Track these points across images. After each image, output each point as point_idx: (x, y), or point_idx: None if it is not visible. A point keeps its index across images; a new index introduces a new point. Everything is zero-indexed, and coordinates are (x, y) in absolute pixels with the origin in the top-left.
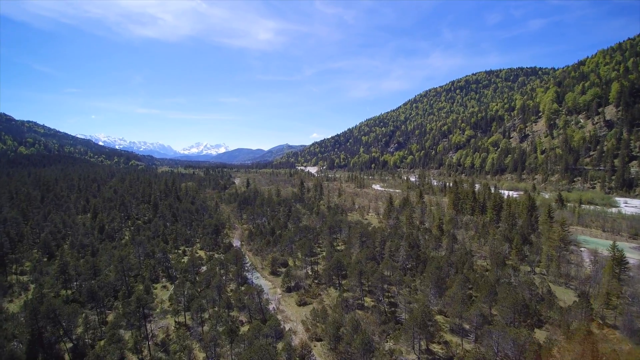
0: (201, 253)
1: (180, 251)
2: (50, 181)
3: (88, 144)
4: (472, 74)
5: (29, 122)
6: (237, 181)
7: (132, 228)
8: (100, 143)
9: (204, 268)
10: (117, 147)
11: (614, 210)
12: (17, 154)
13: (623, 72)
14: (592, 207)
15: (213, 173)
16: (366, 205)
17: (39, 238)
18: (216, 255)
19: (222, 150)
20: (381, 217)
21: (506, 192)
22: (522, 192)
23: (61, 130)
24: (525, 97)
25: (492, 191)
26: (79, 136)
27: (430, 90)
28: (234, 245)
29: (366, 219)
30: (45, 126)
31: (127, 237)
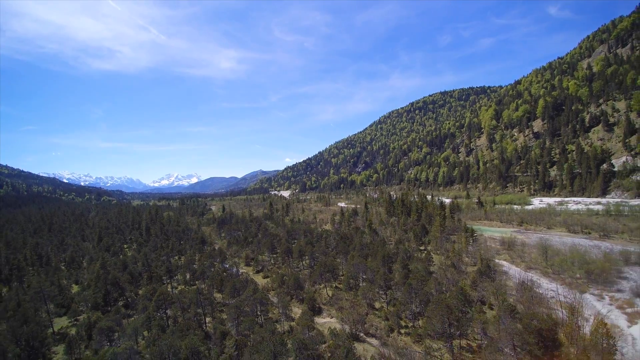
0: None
1: (177, 257)
2: (46, 217)
3: (54, 182)
4: (429, 95)
5: None
6: (213, 208)
7: (134, 246)
8: (65, 180)
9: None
10: (82, 183)
11: (518, 207)
12: None
13: (549, 89)
14: (511, 206)
15: (189, 203)
16: (326, 218)
17: (62, 256)
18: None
19: (194, 180)
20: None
21: (450, 200)
22: (462, 199)
23: (23, 169)
24: (472, 115)
25: (429, 200)
26: (42, 175)
27: (392, 112)
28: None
29: (323, 228)
30: (8, 166)
31: (130, 254)
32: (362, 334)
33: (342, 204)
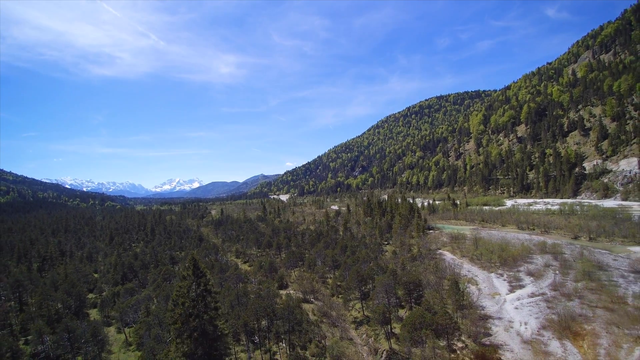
0: (192, 253)
1: (178, 252)
2: (61, 220)
3: (57, 188)
4: (425, 100)
5: None
6: (213, 212)
7: (141, 244)
8: (68, 186)
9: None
10: (84, 189)
11: (490, 208)
12: None
13: (535, 94)
14: (482, 207)
15: (190, 207)
16: (314, 220)
17: (80, 253)
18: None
19: (195, 185)
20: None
21: (428, 202)
22: (443, 201)
23: (27, 175)
24: (465, 119)
25: (409, 202)
26: (45, 181)
27: (390, 116)
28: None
29: (309, 228)
30: (13, 173)
31: (138, 249)
32: (312, 299)
33: (335, 207)
